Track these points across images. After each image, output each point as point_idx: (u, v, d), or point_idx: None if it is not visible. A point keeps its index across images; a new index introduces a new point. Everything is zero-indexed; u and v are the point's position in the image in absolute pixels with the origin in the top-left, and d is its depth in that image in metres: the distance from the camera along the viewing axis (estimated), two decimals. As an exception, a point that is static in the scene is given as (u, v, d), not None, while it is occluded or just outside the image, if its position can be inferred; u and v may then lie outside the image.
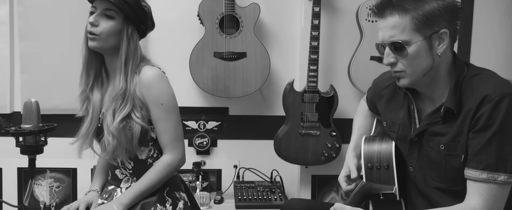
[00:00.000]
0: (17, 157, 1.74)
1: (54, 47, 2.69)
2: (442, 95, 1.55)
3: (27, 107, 1.60)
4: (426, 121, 1.58)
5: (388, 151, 1.65)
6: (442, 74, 1.53)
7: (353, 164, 1.77)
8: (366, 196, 1.61)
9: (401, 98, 1.68)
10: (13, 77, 2.77)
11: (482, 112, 1.44)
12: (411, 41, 1.46)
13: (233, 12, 2.60)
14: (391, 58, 1.51)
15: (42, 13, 2.67)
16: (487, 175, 1.44)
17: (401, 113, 1.66)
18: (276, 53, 2.80)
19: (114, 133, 1.71)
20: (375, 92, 1.83)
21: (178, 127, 1.80)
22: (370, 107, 1.92)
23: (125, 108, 1.71)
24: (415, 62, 1.48)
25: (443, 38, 1.47)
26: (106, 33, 1.70)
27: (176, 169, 1.82)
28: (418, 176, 1.63)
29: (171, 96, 1.78)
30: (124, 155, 1.76)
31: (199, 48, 2.62)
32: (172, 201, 1.81)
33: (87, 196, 1.88)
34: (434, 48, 1.48)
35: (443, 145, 1.53)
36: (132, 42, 1.72)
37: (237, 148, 2.89)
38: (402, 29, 1.46)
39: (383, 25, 1.50)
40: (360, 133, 1.89)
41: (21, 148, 1.62)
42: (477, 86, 1.48)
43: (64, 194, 2.87)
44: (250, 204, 2.59)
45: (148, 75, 1.73)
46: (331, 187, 2.92)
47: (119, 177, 1.86)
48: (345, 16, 2.75)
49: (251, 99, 2.83)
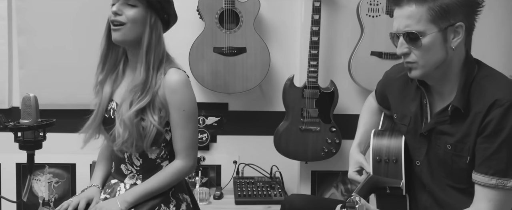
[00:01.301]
0: (16, 152, 1.72)
1: (52, 43, 2.68)
2: (451, 91, 1.53)
3: (25, 102, 1.59)
4: (434, 120, 1.57)
5: (398, 146, 1.65)
6: (454, 70, 1.52)
7: (364, 159, 1.75)
8: (373, 188, 1.61)
9: (412, 91, 1.66)
10: (11, 73, 2.76)
11: (492, 117, 1.43)
12: (426, 32, 1.44)
13: (232, 7, 2.58)
14: (404, 48, 1.49)
15: (40, 8, 2.66)
16: (497, 181, 1.44)
17: (413, 106, 1.65)
18: (276, 49, 2.79)
19: (127, 123, 1.67)
20: (386, 83, 1.81)
21: (195, 135, 1.78)
22: (379, 101, 1.89)
23: (143, 100, 1.68)
24: (428, 54, 1.47)
25: (458, 31, 1.46)
26: (130, 20, 1.66)
27: (186, 175, 1.81)
28: (424, 170, 1.62)
29: (193, 103, 1.76)
30: (133, 149, 1.72)
31: (198, 43, 2.61)
32: (176, 202, 1.79)
33: (87, 192, 1.85)
34: (448, 41, 1.46)
35: (450, 144, 1.53)
36: (155, 32, 1.69)
37: (236, 144, 2.89)
38: (418, 19, 1.44)
39: (399, 14, 1.48)
40: (366, 129, 1.87)
41: (19, 143, 1.60)
42: (486, 89, 1.47)
43: (63, 189, 2.86)
44: (250, 199, 2.58)
45: (174, 80, 1.70)
46: (331, 182, 2.91)
47: (124, 172, 1.84)
48: (345, 11, 2.74)
49: (251, 94, 2.82)
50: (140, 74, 1.69)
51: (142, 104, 1.68)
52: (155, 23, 1.70)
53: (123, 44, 1.73)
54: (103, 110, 1.78)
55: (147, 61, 1.69)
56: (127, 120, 1.67)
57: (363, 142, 1.84)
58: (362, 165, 1.74)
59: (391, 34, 1.54)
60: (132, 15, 1.66)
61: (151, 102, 1.70)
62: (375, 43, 2.62)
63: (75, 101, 2.64)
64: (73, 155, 2.81)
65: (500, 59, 2.78)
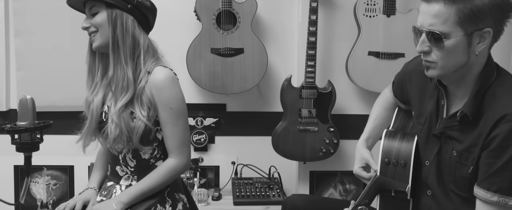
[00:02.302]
0: (13, 154, 1.72)
1: (50, 44, 2.67)
2: (465, 95, 1.48)
3: (22, 104, 1.59)
4: (443, 124, 1.53)
5: (408, 150, 1.61)
6: (473, 74, 1.45)
7: (371, 156, 1.71)
8: (379, 190, 1.60)
9: (430, 89, 1.60)
10: (9, 75, 2.76)
11: (498, 132, 1.38)
12: (451, 34, 1.36)
13: (230, 7, 2.58)
14: (425, 46, 1.42)
15: (38, 10, 2.66)
16: (499, 198, 1.40)
17: (429, 105, 1.60)
18: (273, 49, 2.79)
19: (115, 119, 1.69)
20: (405, 74, 1.75)
21: (186, 132, 1.79)
22: (396, 93, 1.82)
23: (126, 94, 1.70)
24: (449, 56, 1.39)
25: (485, 37, 1.38)
26: (98, 25, 1.71)
27: (180, 173, 1.81)
28: (432, 171, 1.59)
29: (181, 100, 1.77)
30: (125, 145, 1.74)
31: (196, 44, 2.61)
32: (172, 202, 1.80)
33: (84, 194, 1.86)
34: (472, 46, 1.38)
35: (456, 151, 1.50)
36: (119, 25, 1.70)
37: (235, 145, 2.88)
38: (445, 20, 1.35)
39: (425, 10, 1.39)
40: (376, 125, 1.82)
41: (16, 145, 1.60)
42: (499, 99, 1.42)
43: (61, 191, 2.86)
44: (248, 200, 2.58)
45: (160, 77, 1.71)
46: (329, 183, 2.91)
47: (119, 174, 1.84)
48: (342, 11, 2.74)
49: (249, 95, 2.82)
50: (110, 68, 1.71)
51: (125, 99, 1.70)
52: (118, 17, 1.70)
53: (102, 49, 1.75)
54: (97, 117, 1.79)
55: (113, 57, 1.71)
56: (115, 116, 1.70)
57: (371, 137, 1.80)
58: (368, 162, 1.71)
59: (414, 28, 1.45)
60: (97, 21, 1.71)
61: (138, 98, 1.72)
62: (372, 43, 2.62)
63: (73, 103, 2.63)
64: (71, 157, 2.80)
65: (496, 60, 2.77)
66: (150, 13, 1.78)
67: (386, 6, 2.59)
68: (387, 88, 1.89)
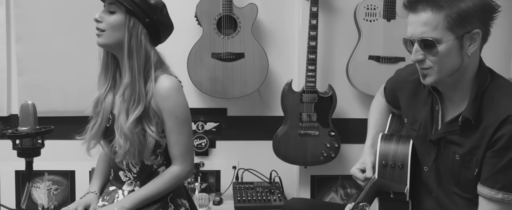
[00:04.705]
0: (14, 160, 1.72)
1: (51, 50, 2.68)
2: (462, 100, 1.51)
3: (23, 109, 1.59)
4: (444, 129, 1.55)
5: (405, 151, 1.63)
6: (467, 77, 1.49)
7: (370, 162, 1.73)
8: (377, 193, 1.61)
9: (424, 96, 1.64)
10: (10, 80, 2.77)
11: (503, 133, 1.42)
12: (443, 39, 1.41)
13: (230, 12, 2.59)
14: (419, 55, 1.46)
15: (39, 15, 2.67)
16: (503, 195, 1.44)
17: (424, 111, 1.63)
18: (274, 54, 2.79)
19: (127, 134, 1.68)
20: (397, 82, 1.78)
21: (190, 140, 1.79)
22: (388, 99, 1.86)
23: (137, 108, 1.69)
24: (444, 61, 1.44)
25: (474, 38, 1.43)
26: (109, 27, 1.69)
27: (183, 180, 1.82)
28: (431, 176, 1.61)
29: (186, 108, 1.77)
30: (136, 158, 1.74)
31: (196, 49, 2.61)
32: (174, 207, 1.80)
33: (85, 198, 1.86)
34: (464, 48, 1.43)
35: (458, 155, 1.52)
36: (134, 35, 1.69)
37: (236, 149, 2.89)
38: (435, 26, 1.40)
39: (414, 20, 1.44)
40: (377, 131, 1.84)
41: (18, 150, 1.61)
42: (499, 102, 1.45)
43: (62, 196, 2.86)
44: (249, 205, 2.58)
45: (165, 86, 1.71)
46: (331, 187, 2.91)
47: (122, 179, 1.84)
48: (343, 15, 2.74)
49: (250, 100, 2.82)
50: (125, 77, 1.70)
51: (137, 113, 1.68)
52: (134, 27, 1.70)
53: (106, 48, 1.75)
54: (106, 119, 1.79)
55: (130, 64, 1.70)
56: (127, 130, 1.68)
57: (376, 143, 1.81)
58: (365, 167, 1.73)
59: (405, 39, 1.50)
60: (110, 22, 1.69)
61: (146, 114, 1.71)
62: (373, 47, 2.63)
63: (74, 108, 2.64)
64: (72, 162, 2.80)
65: (496, 61, 2.78)
66: (164, 31, 1.79)
67: (386, 10, 2.60)
68: (379, 93, 1.93)
